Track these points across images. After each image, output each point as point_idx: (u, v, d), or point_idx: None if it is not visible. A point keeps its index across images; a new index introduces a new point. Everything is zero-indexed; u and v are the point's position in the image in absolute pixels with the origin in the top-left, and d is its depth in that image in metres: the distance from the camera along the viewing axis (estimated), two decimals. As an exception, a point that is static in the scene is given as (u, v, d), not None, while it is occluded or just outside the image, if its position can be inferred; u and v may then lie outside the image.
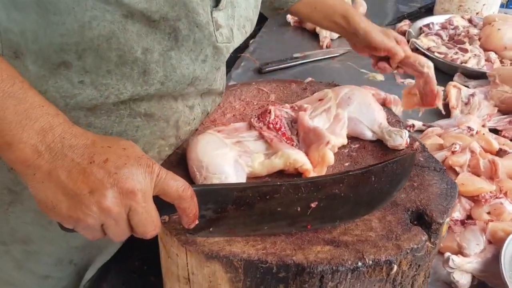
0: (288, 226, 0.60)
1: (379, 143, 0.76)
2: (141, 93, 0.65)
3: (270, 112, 0.72)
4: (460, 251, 0.87)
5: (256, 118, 0.73)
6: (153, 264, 0.83)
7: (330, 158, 0.66)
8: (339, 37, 1.73)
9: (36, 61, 0.59)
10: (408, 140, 0.73)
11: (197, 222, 0.57)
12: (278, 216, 0.59)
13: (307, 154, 0.68)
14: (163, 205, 0.54)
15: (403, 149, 0.74)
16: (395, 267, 0.57)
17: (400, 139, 0.72)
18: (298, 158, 0.65)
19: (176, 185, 0.53)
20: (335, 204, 0.60)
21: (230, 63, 1.60)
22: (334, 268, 0.55)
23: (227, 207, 0.58)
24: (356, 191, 0.61)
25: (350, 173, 0.61)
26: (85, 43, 0.58)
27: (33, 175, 0.51)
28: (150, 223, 0.53)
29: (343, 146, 0.75)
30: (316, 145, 0.67)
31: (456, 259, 0.83)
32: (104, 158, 0.51)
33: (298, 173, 0.68)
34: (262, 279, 0.57)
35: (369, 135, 0.76)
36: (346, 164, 0.73)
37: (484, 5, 1.80)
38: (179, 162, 0.70)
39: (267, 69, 1.47)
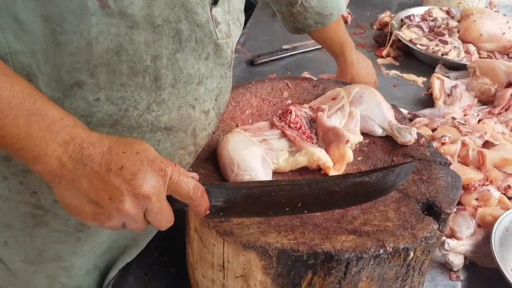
0: (289, 212, 0.65)
1: (388, 139, 0.83)
2: (157, 99, 0.67)
3: (291, 112, 0.77)
4: (452, 235, 0.95)
5: (277, 118, 0.78)
6: (172, 255, 0.89)
7: (350, 155, 0.73)
8: None
9: (49, 84, 0.60)
10: (416, 137, 0.80)
11: (208, 213, 0.61)
12: (282, 206, 0.64)
13: (326, 151, 0.74)
14: (177, 200, 0.59)
15: (411, 144, 0.80)
16: (412, 254, 0.64)
17: (410, 136, 0.79)
18: (321, 156, 0.71)
19: (187, 187, 0.58)
20: (335, 198, 0.66)
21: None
22: (359, 255, 0.62)
23: (235, 200, 0.63)
24: (355, 189, 0.66)
25: (351, 177, 0.66)
26: (95, 60, 0.59)
27: (58, 183, 0.55)
28: (164, 219, 0.58)
29: (355, 142, 0.81)
30: (336, 144, 0.73)
31: (451, 242, 0.91)
32: (119, 166, 0.55)
33: (320, 169, 0.74)
34: (292, 266, 0.63)
35: (379, 131, 0.83)
36: (359, 158, 0.79)
37: None
38: (208, 158, 0.75)
39: (259, 61, 1.53)
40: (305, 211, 0.66)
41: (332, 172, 0.72)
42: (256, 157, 0.70)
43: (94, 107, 0.63)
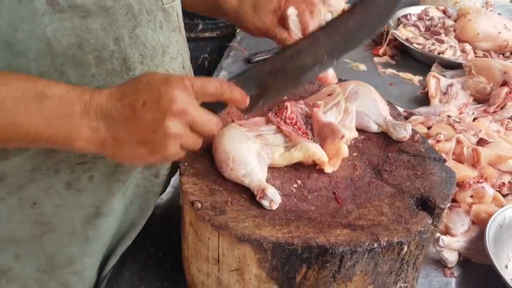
0: (317, 70, 0.68)
1: (383, 135, 0.83)
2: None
3: (286, 108, 0.77)
4: (447, 231, 0.96)
5: (273, 113, 0.78)
6: (168, 251, 0.89)
7: (345, 151, 0.73)
8: None
9: None
10: (411, 133, 0.81)
11: (248, 100, 0.62)
12: (309, 67, 0.66)
13: (322, 147, 0.74)
14: (213, 104, 0.60)
15: (405, 141, 0.81)
16: (405, 248, 0.65)
17: (405, 132, 0.79)
18: (316, 151, 0.71)
19: (212, 85, 0.59)
20: (349, 37, 0.67)
21: (220, 53, 1.65)
22: (353, 249, 0.62)
23: (266, 80, 0.64)
24: (364, 18, 0.67)
25: (356, 7, 0.67)
26: (60, 58, 0.61)
27: (103, 147, 0.56)
28: (210, 123, 0.60)
29: (350, 138, 0.82)
30: (331, 139, 0.73)
31: (446, 239, 0.92)
32: (141, 102, 0.56)
33: (315, 165, 0.74)
34: (287, 259, 0.64)
35: (374, 128, 0.83)
36: (354, 154, 0.80)
37: None
38: (204, 152, 0.75)
39: (256, 58, 1.54)
40: (334, 59, 0.68)
41: (327, 168, 0.72)
42: (252, 151, 0.70)
43: None
